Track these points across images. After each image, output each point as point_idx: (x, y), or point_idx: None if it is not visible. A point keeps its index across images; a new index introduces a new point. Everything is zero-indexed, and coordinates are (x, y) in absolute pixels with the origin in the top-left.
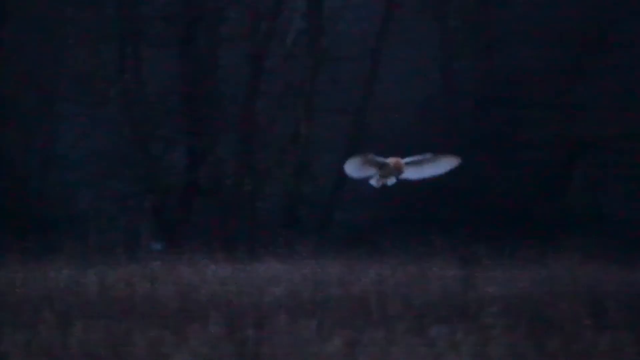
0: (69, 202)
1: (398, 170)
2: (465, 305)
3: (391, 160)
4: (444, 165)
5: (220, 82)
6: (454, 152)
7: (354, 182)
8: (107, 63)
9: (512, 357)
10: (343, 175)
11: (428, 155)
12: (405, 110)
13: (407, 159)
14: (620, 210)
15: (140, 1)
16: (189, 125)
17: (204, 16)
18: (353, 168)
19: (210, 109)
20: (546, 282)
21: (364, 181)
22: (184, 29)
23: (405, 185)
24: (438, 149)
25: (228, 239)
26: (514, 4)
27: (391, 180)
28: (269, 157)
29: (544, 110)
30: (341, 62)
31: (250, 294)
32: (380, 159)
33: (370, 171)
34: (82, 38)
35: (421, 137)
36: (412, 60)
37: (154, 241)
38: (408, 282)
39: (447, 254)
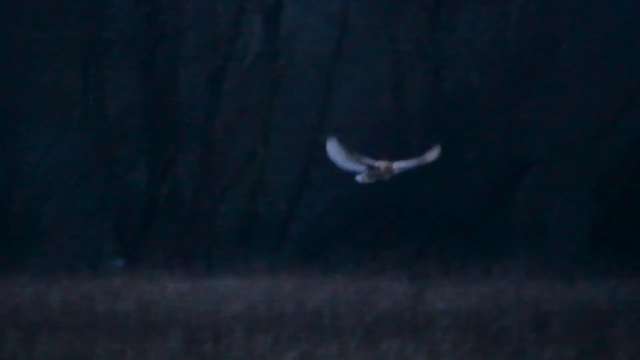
0: (32, 220)
1: (389, 173)
2: (415, 320)
3: (382, 165)
4: (428, 157)
5: (179, 102)
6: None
7: (308, 201)
8: (70, 84)
9: None
10: (298, 194)
11: (415, 160)
12: (357, 130)
13: (397, 163)
14: (563, 228)
15: (103, 23)
16: (149, 145)
17: (164, 38)
18: (336, 153)
19: (170, 128)
20: (492, 297)
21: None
22: (145, 51)
23: (356, 204)
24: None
25: (187, 255)
26: (462, 29)
27: (375, 179)
28: (227, 176)
29: (490, 130)
30: (297, 83)
31: (208, 310)
32: (369, 160)
33: (355, 166)
34: (45, 59)
35: (373, 156)
36: (365, 81)
37: (116, 258)
38: (360, 298)
39: (397, 271)
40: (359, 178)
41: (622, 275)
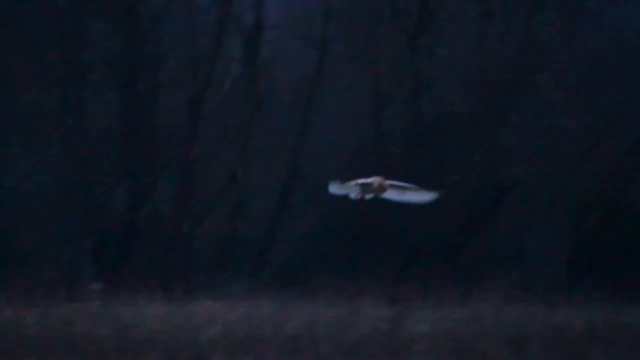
0: (10, 242)
1: (382, 189)
2: (394, 343)
3: (375, 180)
4: (423, 196)
5: (159, 126)
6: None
7: (287, 224)
8: (50, 106)
9: None
10: (277, 217)
11: (411, 185)
12: (337, 154)
13: (390, 182)
14: (543, 252)
15: (83, 46)
16: (128, 168)
17: (143, 62)
18: (336, 189)
19: (149, 151)
20: (471, 321)
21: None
22: (124, 74)
23: (336, 227)
24: None
25: (165, 278)
26: (442, 53)
27: (369, 196)
28: (206, 200)
29: (469, 153)
30: (276, 107)
31: (187, 333)
32: (363, 180)
33: (351, 189)
34: (25, 81)
35: (352, 179)
36: (344, 105)
37: (94, 281)
38: (339, 322)
39: (376, 294)
40: (352, 195)
41: (602, 299)
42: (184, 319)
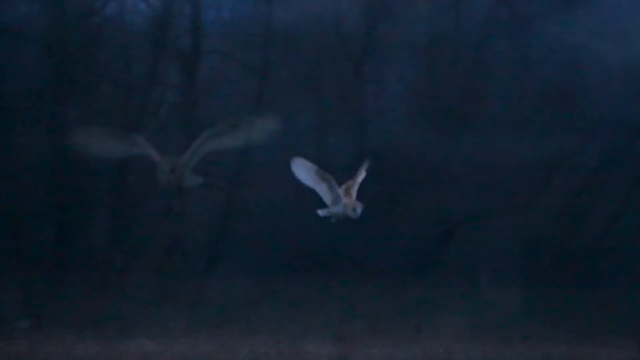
0: None
1: (359, 207)
2: None
3: (348, 202)
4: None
5: (91, 156)
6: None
7: (226, 259)
8: None
9: None
10: (216, 251)
11: (362, 170)
12: (279, 186)
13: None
14: (496, 288)
15: (9, 73)
16: (58, 200)
17: (75, 89)
18: (302, 169)
19: (80, 183)
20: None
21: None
22: (54, 102)
23: (279, 261)
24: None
25: (98, 316)
26: (389, 80)
27: (337, 218)
28: (141, 233)
29: (419, 186)
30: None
31: None
32: (338, 191)
33: (318, 186)
34: None
35: (296, 212)
36: (287, 135)
37: (22, 319)
38: None
39: (321, 332)
40: (320, 212)
41: (557, 337)
42: (117, 359)
